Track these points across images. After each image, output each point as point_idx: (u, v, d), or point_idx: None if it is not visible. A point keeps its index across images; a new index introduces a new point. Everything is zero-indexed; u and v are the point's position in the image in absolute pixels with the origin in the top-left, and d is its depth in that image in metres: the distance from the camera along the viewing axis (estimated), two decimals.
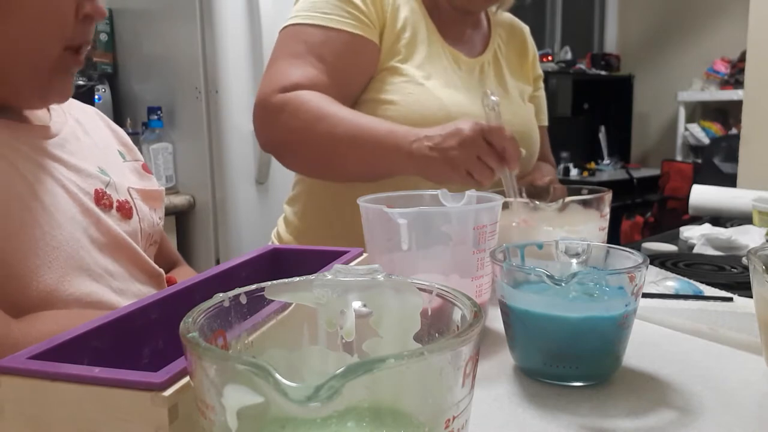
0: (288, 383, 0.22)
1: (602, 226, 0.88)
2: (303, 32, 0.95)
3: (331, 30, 0.94)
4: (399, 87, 0.97)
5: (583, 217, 0.86)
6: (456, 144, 0.83)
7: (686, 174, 3.76)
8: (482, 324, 0.28)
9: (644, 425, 0.43)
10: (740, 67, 3.70)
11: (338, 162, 0.92)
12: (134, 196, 0.74)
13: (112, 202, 0.69)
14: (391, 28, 0.98)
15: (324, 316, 0.34)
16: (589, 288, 0.50)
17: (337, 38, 0.94)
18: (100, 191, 0.68)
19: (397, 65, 0.98)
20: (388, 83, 0.97)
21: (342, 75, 0.95)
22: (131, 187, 0.74)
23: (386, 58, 0.98)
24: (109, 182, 0.70)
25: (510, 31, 1.18)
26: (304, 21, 0.95)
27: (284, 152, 0.96)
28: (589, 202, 0.87)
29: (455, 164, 0.83)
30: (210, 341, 0.30)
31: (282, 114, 0.90)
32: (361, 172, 0.93)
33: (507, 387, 0.49)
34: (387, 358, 0.23)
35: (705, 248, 1.00)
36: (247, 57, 1.98)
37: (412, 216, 0.53)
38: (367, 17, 0.96)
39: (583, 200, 0.86)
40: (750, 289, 0.52)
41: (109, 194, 0.69)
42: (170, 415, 0.28)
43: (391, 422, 0.27)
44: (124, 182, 0.73)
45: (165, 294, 0.43)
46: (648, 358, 0.54)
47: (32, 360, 0.31)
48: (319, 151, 0.92)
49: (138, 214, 0.73)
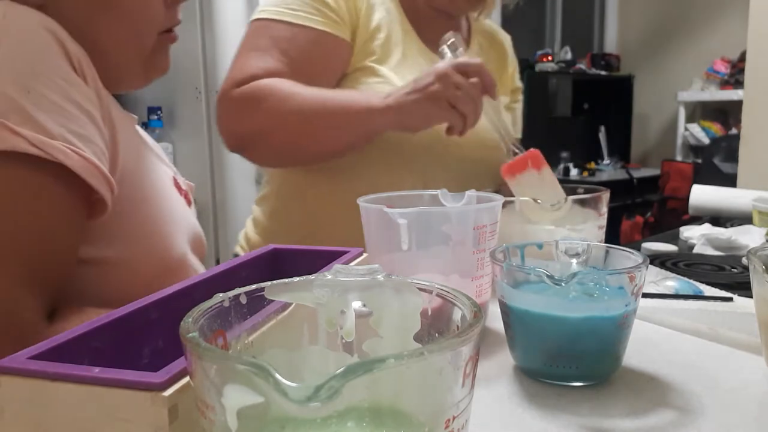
0: (288, 383, 0.22)
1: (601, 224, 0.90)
2: (270, 27, 0.94)
3: (298, 27, 0.93)
4: (372, 87, 0.95)
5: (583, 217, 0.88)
6: (433, 79, 0.83)
7: (686, 174, 3.77)
8: (482, 324, 0.28)
9: (644, 425, 0.43)
10: (740, 67, 3.70)
11: (311, 138, 0.91)
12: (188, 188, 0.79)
13: (181, 190, 0.74)
14: (364, 28, 0.97)
15: (324, 316, 0.34)
16: (589, 288, 0.50)
17: (304, 35, 0.93)
18: (174, 178, 0.74)
19: (372, 65, 0.96)
20: (361, 83, 0.96)
21: (306, 72, 0.93)
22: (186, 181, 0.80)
23: (360, 57, 0.97)
24: (176, 172, 0.76)
25: (491, 39, 1.17)
26: (271, 16, 0.94)
27: (252, 144, 0.94)
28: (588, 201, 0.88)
29: (437, 98, 0.83)
30: (210, 341, 0.30)
31: (245, 105, 0.89)
32: (336, 143, 0.92)
33: (507, 387, 0.49)
34: (387, 358, 0.23)
35: (705, 248, 1.00)
36: None
37: (412, 216, 0.53)
38: (338, 15, 0.95)
39: (583, 199, 0.87)
40: (750, 289, 0.52)
41: (179, 182, 0.75)
42: (170, 415, 0.28)
43: (391, 422, 0.27)
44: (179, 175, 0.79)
45: (165, 294, 0.43)
46: (648, 358, 0.54)
47: (32, 360, 0.31)
48: (290, 131, 0.90)
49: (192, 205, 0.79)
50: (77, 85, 0.55)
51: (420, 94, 0.84)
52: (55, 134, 0.51)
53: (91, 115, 0.55)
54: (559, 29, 4.68)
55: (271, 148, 0.94)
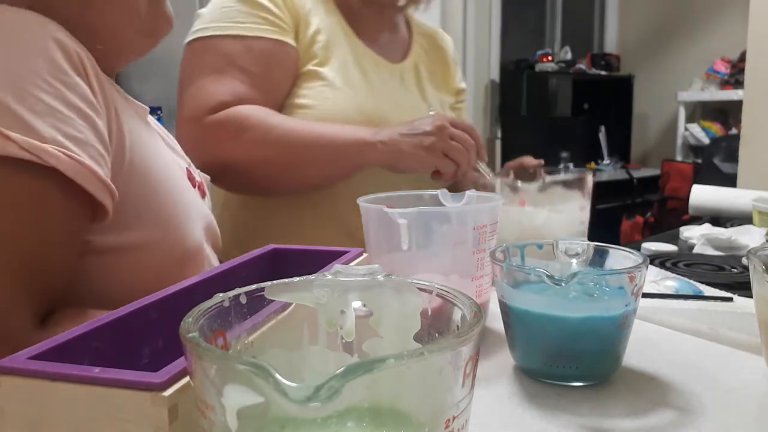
0: (288, 383, 0.22)
1: (583, 205, 0.92)
2: (219, 45, 0.91)
3: (249, 38, 0.91)
4: (316, 91, 0.94)
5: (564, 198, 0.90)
6: (431, 129, 0.87)
7: (686, 174, 3.77)
8: (482, 324, 0.28)
9: (644, 425, 0.43)
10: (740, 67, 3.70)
11: (296, 170, 0.90)
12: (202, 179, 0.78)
13: (195, 182, 0.73)
14: (304, 32, 0.96)
15: (324, 316, 0.34)
16: (589, 288, 0.50)
17: (257, 46, 0.91)
18: (188, 170, 0.73)
19: (314, 69, 0.95)
20: (304, 88, 0.95)
21: (268, 84, 0.92)
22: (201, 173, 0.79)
23: (303, 62, 0.96)
24: (190, 163, 0.75)
25: (432, 41, 1.17)
26: (217, 33, 0.92)
27: (228, 173, 0.91)
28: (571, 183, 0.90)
29: (433, 148, 0.86)
30: (210, 341, 0.30)
31: (223, 134, 0.87)
32: (322, 175, 0.92)
33: (507, 387, 0.49)
34: (387, 358, 0.23)
35: (705, 248, 1.00)
36: None
37: (412, 216, 0.53)
38: (282, 20, 0.93)
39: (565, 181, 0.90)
40: (750, 289, 0.52)
41: (192, 173, 0.74)
42: (170, 415, 0.28)
43: (391, 422, 0.27)
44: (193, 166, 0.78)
45: (165, 294, 0.43)
46: (648, 358, 0.54)
47: (32, 360, 0.31)
48: (274, 163, 0.88)
49: (207, 196, 0.78)
50: (74, 85, 0.54)
51: (416, 140, 0.87)
52: (48, 138, 0.50)
53: (87, 116, 0.54)
54: (559, 29, 4.68)
55: (250, 179, 0.92)
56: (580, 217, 0.93)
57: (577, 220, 0.93)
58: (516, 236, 0.91)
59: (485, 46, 4.04)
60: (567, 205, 0.92)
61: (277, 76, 0.94)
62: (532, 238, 0.88)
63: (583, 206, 0.91)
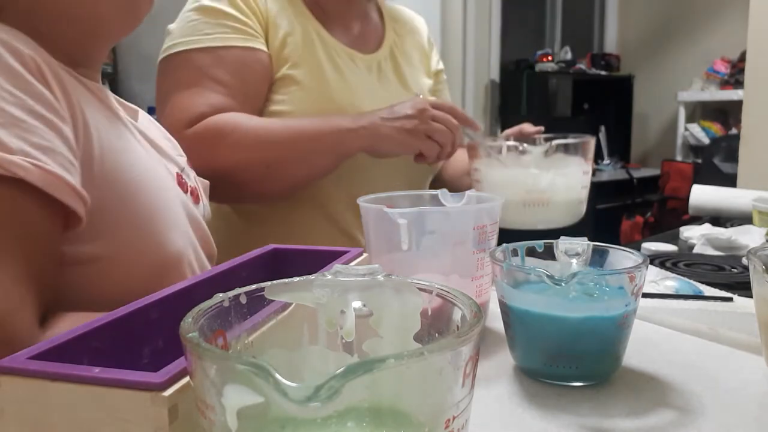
0: (288, 383, 0.22)
1: (586, 170, 0.94)
2: (191, 59, 0.92)
3: (219, 49, 0.91)
4: (293, 96, 0.94)
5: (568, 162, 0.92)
6: (412, 112, 0.86)
7: (686, 174, 3.77)
8: (482, 324, 0.28)
9: (644, 425, 0.43)
10: (740, 67, 3.70)
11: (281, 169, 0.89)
12: (198, 184, 0.77)
13: (188, 187, 0.72)
14: (274, 36, 0.95)
15: (324, 316, 0.34)
16: (589, 288, 0.50)
17: (227, 55, 0.91)
18: (179, 174, 0.71)
19: (289, 73, 0.95)
20: (281, 93, 0.95)
21: (244, 91, 0.92)
22: (196, 176, 0.78)
23: (276, 66, 0.95)
24: (183, 168, 0.74)
25: (406, 26, 1.16)
26: (187, 47, 0.92)
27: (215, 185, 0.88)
28: (574, 149, 0.92)
29: (415, 130, 0.86)
30: (210, 341, 0.30)
31: (204, 144, 0.86)
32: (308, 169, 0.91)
33: (507, 387, 0.49)
34: (387, 358, 0.23)
35: (705, 248, 1.00)
36: None
37: (412, 216, 0.53)
38: (249, 26, 0.93)
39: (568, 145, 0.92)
40: (750, 289, 0.52)
41: (185, 178, 0.72)
42: (170, 415, 0.28)
43: (391, 422, 0.27)
44: (189, 170, 0.76)
45: (165, 294, 0.43)
46: (648, 358, 0.54)
47: (32, 360, 0.31)
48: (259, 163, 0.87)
49: (202, 201, 0.77)
50: (36, 93, 0.53)
51: (397, 123, 0.86)
52: (14, 149, 0.49)
53: (53, 124, 0.53)
54: (559, 29, 4.68)
55: (237, 187, 0.91)
56: (583, 180, 0.94)
57: (580, 184, 0.96)
58: (521, 198, 0.93)
59: (485, 46, 4.04)
60: (570, 169, 0.93)
61: (251, 82, 0.93)
62: (537, 200, 0.93)
63: (587, 170, 0.93)
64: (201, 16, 0.93)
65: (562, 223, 0.97)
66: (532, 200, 0.93)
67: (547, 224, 0.98)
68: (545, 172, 0.92)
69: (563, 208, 0.96)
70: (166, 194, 0.64)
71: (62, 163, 0.52)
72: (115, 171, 0.59)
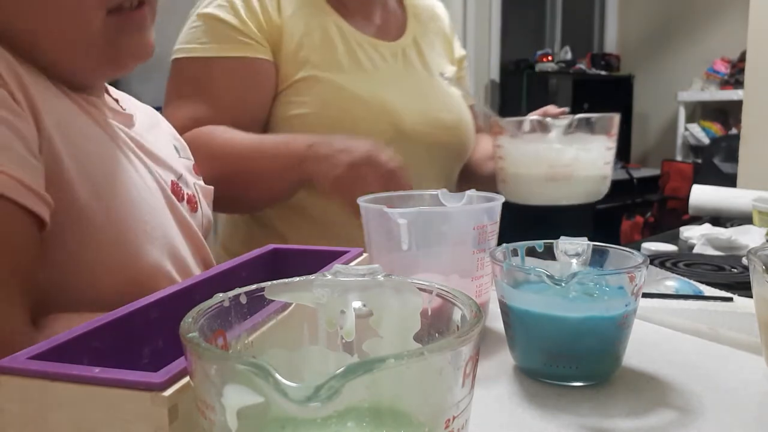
0: (288, 383, 0.22)
1: (609, 146, 0.94)
2: (187, 68, 0.92)
3: (212, 60, 0.90)
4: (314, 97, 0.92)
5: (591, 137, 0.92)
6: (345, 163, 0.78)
7: (686, 174, 3.76)
8: (482, 324, 0.28)
9: (644, 425, 0.43)
10: (740, 67, 3.70)
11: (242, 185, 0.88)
12: (197, 191, 0.76)
13: (184, 195, 0.71)
14: (288, 41, 0.93)
15: (324, 316, 0.34)
16: (589, 288, 0.50)
17: (220, 67, 0.90)
18: (175, 183, 0.70)
19: (308, 74, 0.93)
20: (302, 95, 0.93)
21: (233, 103, 0.91)
22: (196, 182, 0.76)
23: (291, 71, 0.93)
24: (181, 176, 0.72)
25: (428, 12, 1.14)
26: (182, 55, 0.92)
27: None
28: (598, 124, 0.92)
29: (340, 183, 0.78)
30: (210, 341, 0.30)
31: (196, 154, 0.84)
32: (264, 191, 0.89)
33: (507, 387, 0.49)
34: (387, 358, 0.23)
35: (705, 248, 1.00)
36: None
37: (412, 216, 0.53)
38: (249, 36, 0.91)
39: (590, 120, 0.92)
40: (750, 289, 0.52)
41: (180, 186, 0.71)
42: (170, 415, 0.28)
43: (391, 422, 0.27)
44: (189, 177, 0.75)
45: (165, 294, 0.43)
46: (648, 358, 0.54)
47: (32, 360, 0.31)
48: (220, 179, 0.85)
49: (201, 209, 0.75)
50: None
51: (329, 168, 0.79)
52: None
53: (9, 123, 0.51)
54: (559, 29, 4.68)
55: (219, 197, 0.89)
56: (606, 156, 0.94)
57: (603, 159, 0.95)
58: (544, 173, 0.94)
59: (485, 46, 4.04)
60: (593, 144, 0.93)
61: (241, 93, 0.92)
62: (561, 175, 0.94)
63: (610, 146, 0.93)
64: (201, 22, 0.93)
65: (586, 199, 0.97)
66: (556, 175, 0.94)
67: (571, 199, 0.98)
68: (568, 146, 0.92)
69: (587, 184, 0.96)
70: (146, 205, 0.62)
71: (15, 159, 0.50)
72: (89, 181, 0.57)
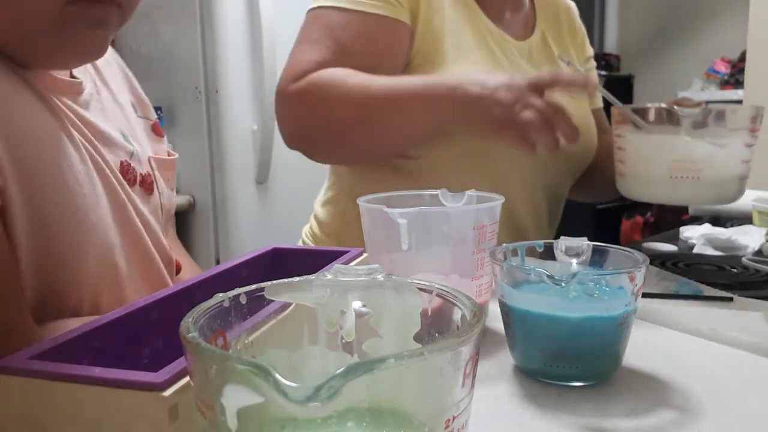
0: (288, 383, 0.22)
1: (749, 142, 0.81)
2: (324, 16, 0.90)
3: (352, 12, 0.89)
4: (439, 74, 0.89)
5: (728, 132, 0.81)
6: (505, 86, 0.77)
7: None
8: (482, 324, 0.28)
9: (644, 425, 0.43)
10: (740, 67, 3.69)
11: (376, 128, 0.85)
12: (153, 167, 0.70)
13: (136, 177, 0.66)
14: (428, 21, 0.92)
15: (324, 316, 0.34)
16: (589, 288, 0.50)
17: (358, 20, 0.89)
18: (125, 164, 0.65)
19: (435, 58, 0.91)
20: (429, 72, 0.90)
21: (362, 57, 0.89)
22: (151, 156, 0.71)
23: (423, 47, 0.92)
24: (132, 153, 0.67)
25: (555, 10, 1.11)
26: (325, 3, 0.91)
27: (314, 141, 0.89)
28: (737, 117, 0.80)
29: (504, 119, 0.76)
30: (210, 341, 0.30)
31: (302, 100, 0.86)
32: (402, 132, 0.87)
33: (507, 387, 0.49)
34: (387, 358, 0.23)
35: (705, 248, 1.00)
36: (246, 57, 1.98)
37: (412, 216, 0.53)
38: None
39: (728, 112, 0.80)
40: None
41: (133, 167, 0.66)
42: (170, 415, 0.28)
43: (391, 422, 0.27)
44: (145, 150, 0.70)
45: (165, 294, 0.43)
46: (648, 358, 0.54)
47: (32, 360, 0.31)
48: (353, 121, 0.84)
49: (158, 189, 0.70)
50: None
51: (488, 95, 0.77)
52: None
53: None
54: None
55: (332, 142, 0.90)
56: (744, 153, 0.82)
57: (741, 157, 0.82)
58: (668, 168, 0.82)
59: None
60: (730, 139, 0.80)
61: (374, 54, 0.90)
62: (687, 172, 0.81)
63: (750, 143, 0.81)
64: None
65: (716, 202, 0.85)
66: (682, 171, 0.82)
67: (698, 201, 0.89)
68: (699, 140, 0.80)
69: (717, 185, 0.82)
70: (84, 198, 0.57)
71: None
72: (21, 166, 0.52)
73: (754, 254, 0.95)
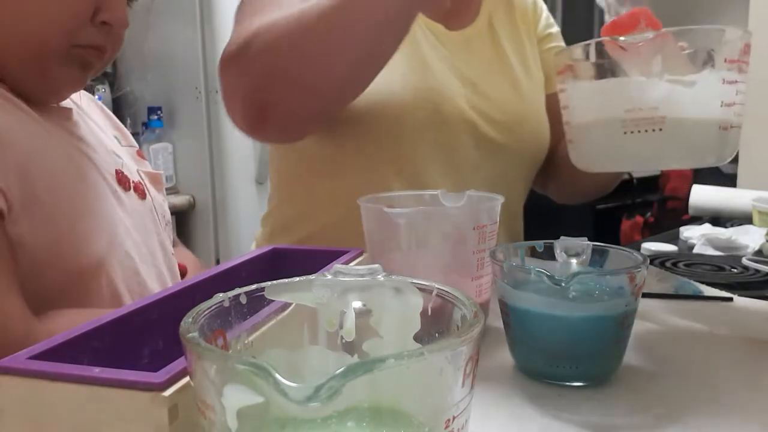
0: (288, 383, 0.22)
1: (730, 78, 0.57)
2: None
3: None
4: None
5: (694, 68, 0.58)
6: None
7: (686, 174, 3.76)
8: (482, 324, 0.28)
9: (644, 425, 0.43)
10: None
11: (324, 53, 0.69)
12: (143, 178, 0.75)
13: (130, 183, 0.70)
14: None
15: (324, 316, 0.34)
16: (589, 288, 0.50)
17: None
18: (119, 171, 0.69)
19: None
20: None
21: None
22: (139, 169, 0.75)
23: None
24: (123, 163, 0.71)
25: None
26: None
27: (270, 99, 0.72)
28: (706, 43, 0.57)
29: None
30: (210, 341, 0.30)
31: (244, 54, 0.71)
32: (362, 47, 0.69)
33: (507, 387, 0.49)
34: (387, 358, 0.23)
35: (705, 248, 1.00)
36: None
37: (412, 216, 0.53)
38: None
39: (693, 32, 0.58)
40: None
41: (126, 175, 0.70)
42: (170, 415, 0.28)
43: (391, 422, 0.27)
44: (132, 164, 0.74)
45: (165, 294, 0.43)
46: (648, 358, 0.54)
47: (32, 360, 0.31)
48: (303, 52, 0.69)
49: (150, 195, 0.74)
50: None
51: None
52: None
53: None
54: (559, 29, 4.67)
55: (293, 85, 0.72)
56: (724, 93, 0.57)
57: (719, 98, 0.57)
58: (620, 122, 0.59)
59: None
60: (702, 75, 0.57)
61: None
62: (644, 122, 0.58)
63: (731, 79, 0.57)
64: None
65: (692, 161, 0.61)
66: (637, 122, 0.58)
67: (665, 161, 0.63)
68: (656, 78, 0.57)
69: (688, 136, 0.58)
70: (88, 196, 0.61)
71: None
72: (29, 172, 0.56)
73: (754, 254, 0.95)
